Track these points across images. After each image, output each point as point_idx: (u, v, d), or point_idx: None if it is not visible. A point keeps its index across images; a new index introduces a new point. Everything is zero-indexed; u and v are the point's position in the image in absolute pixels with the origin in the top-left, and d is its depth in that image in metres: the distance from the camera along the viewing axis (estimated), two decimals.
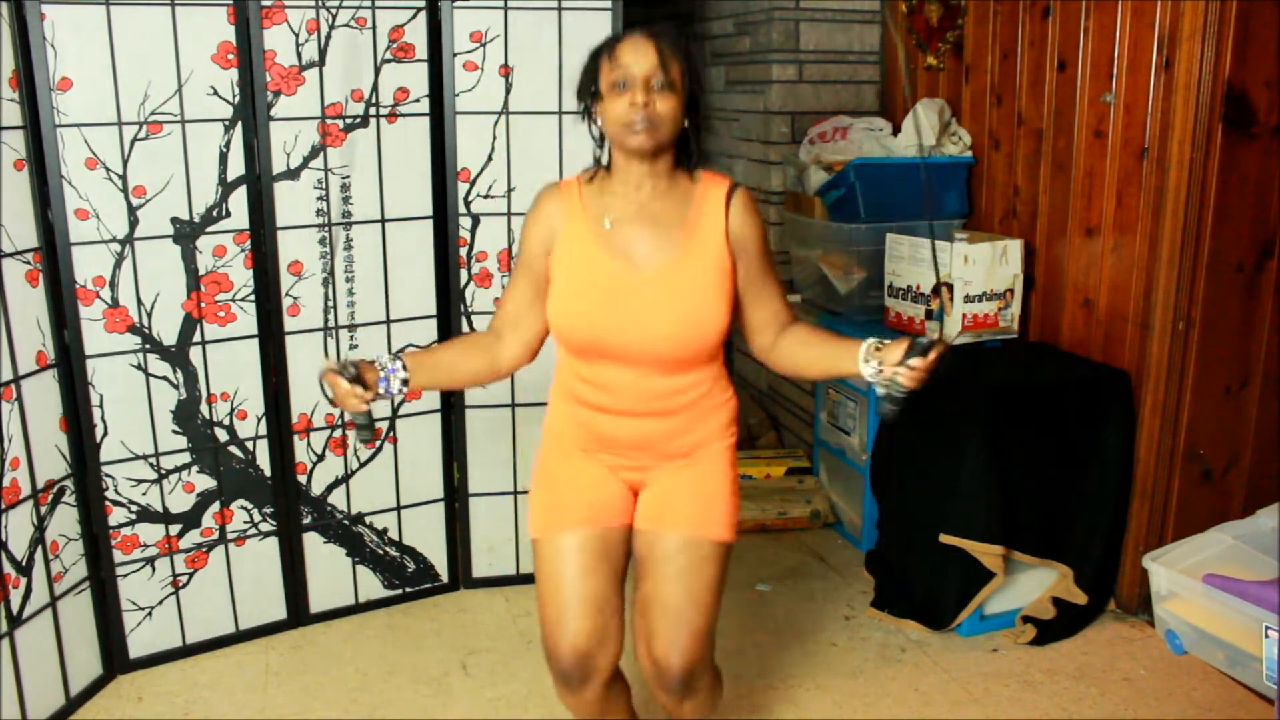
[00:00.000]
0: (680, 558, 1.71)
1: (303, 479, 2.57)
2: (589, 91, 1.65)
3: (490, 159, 2.58)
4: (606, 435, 1.73)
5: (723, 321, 1.66)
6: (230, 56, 2.30)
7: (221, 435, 2.45)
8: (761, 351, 1.77)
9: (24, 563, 2.14)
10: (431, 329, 2.63)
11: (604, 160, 1.72)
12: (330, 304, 2.51)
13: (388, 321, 2.58)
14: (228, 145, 2.34)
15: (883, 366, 1.55)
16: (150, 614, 2.45)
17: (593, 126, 1.68)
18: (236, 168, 2.35)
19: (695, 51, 1.65)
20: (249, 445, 2.49)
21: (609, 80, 1.59)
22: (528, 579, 2.86)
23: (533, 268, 1.73)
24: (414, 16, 2.46)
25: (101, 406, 2.31)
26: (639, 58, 1.57)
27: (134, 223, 2.27)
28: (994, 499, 2.46)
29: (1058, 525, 2.57)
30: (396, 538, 2.73)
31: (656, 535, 1.73)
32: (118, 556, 2.38)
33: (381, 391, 1.66)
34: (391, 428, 2.65)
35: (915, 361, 1.50)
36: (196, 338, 2.38)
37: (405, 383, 1.68)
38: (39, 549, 2.18)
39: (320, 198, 2.45)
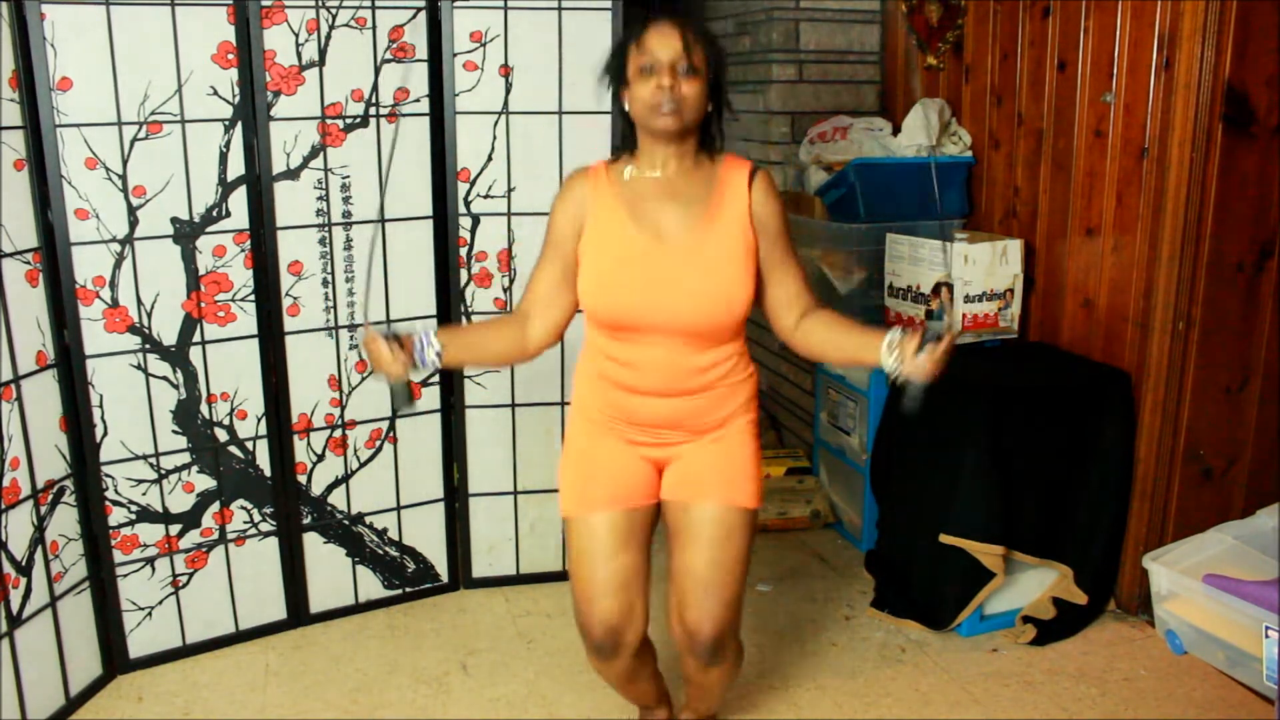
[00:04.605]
0: (710, 528, 1.78)
1: (303, 479, 2.57)
2: (618, 77, 1.72)
3: (490, 159, 2.58)
4: (636, 415, 1.78)
5: (747, 295, 1.72)
6: (230, 56, 2.30)
7: (221, 435, 2.45)
8: (785, 332, 1.82)
9: (24, 563, 2.14)
10: (431, 329, 2.63)
11: (622, 143, 1.79)
12: (330, 303, 2.51)
13: (388, 322, 2.58)
14: (228, 145, 2.34)
15: (903, 362, 1.62)
16: (150, 614, 2.45)
17: (620, 111, 1.75)
18: (236, 168, 2.35)
19: (718, 38, 1.74)
20: (249, 445, 2.49)
21: (636, 65, 1.66)
22: (527, 579, 2.86)
23: (561, 250, 1.78)
24: (414, 16, 2.46)
25: (101, 406, 2.31)
26: (665, 44, 1.64)
27: (134, 223, 2.27)
28: (994, 499, 2.46)
29: (1058, 525, 2.57)
30: (396, 538, 2.73)
31: (686, 507, 1.80)
32: (118, 556, 2.38)
33: (418, 361, 1.73)
34: (391, 428, 2.65)
35: (925, 355, 1.58)
36: (196, 338, 2.38)
37: (440, 355, 1.75)
38: (39, 549, 2.18)
39: (320, 198, 2.45)
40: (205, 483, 2.46)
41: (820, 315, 1.80)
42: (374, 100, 2.46)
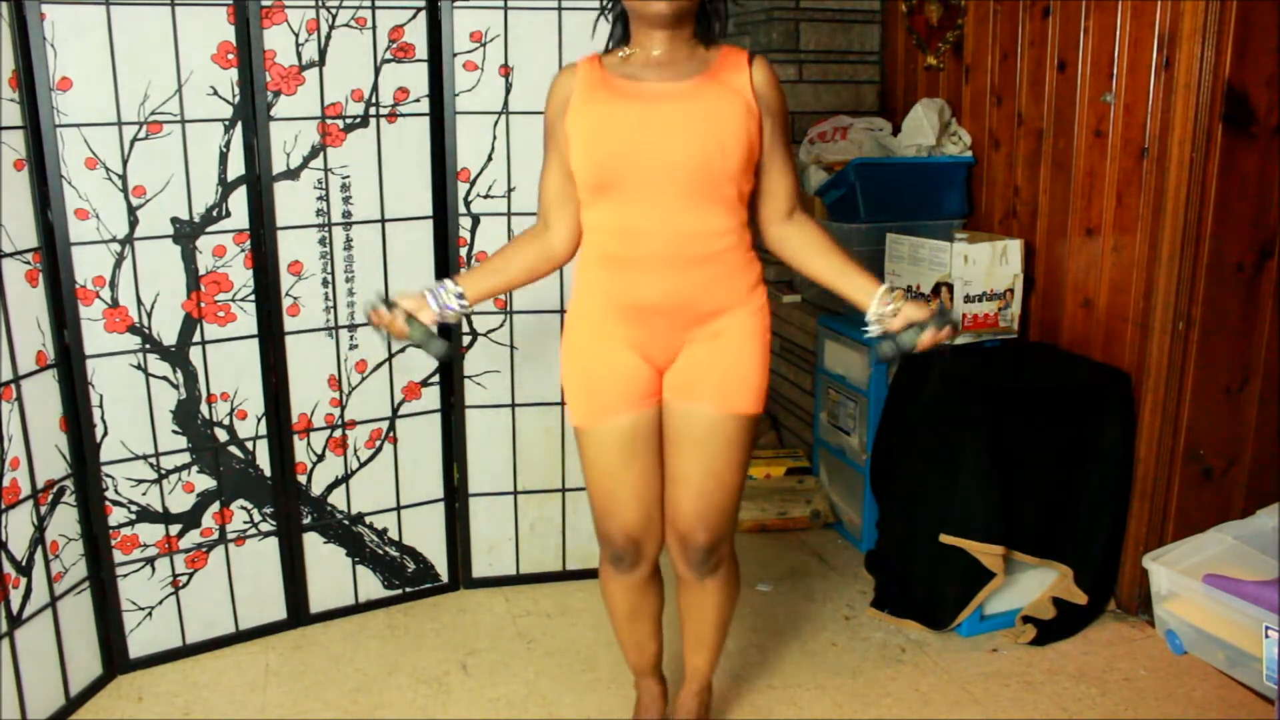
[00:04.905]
0: (706, 437, 1.76)
1: (303, 479, 2.57)
2: None
3: (490, 159, 2.58)
4: (637, 298, 1.73)
5: (741, 147, 1.67)
6: (230, 56, 2.30)
7: (221, 435, 2.45)
8: (766, 223, 1.81)
9: (24, 563, 2.14)
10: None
11: (622, 36, 1.78)
12: (330, 303, 2.51)
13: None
14: (228, 145, 2.34)
15: (897, 317, 1.65)
16: (150, 614, 2.45)
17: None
18: (236, 168, 2.35)
19: None
20: (249, 445, 2.49)
21: None
22: (527, 579, 2.86)
23: (558, 141, 1.76)
24: (414, 16, 2.46)
25: (101, 406, 2.31)
26: None
27: (134, 223, 2.27)
28: (994, 499, 2.46)
29: (1058, 525, 2.57)
30: (396, 538, 2.73)
31: (683, 414, 1.77)
32: (118, 556, 2.38)
33: (437, 311, 1.75)
34: (391, 428, 2.65)
35: (928, 334, 1.62)
36: (196, 338, 2.38)
37: (461, 296, 1.76)
38: (39, 549, 2.18)
39: (320, 198, 2.45)
40: (205, 483, 2.46)
41: (808, 224, 1.80)
42: (374, 100, 2.46)
